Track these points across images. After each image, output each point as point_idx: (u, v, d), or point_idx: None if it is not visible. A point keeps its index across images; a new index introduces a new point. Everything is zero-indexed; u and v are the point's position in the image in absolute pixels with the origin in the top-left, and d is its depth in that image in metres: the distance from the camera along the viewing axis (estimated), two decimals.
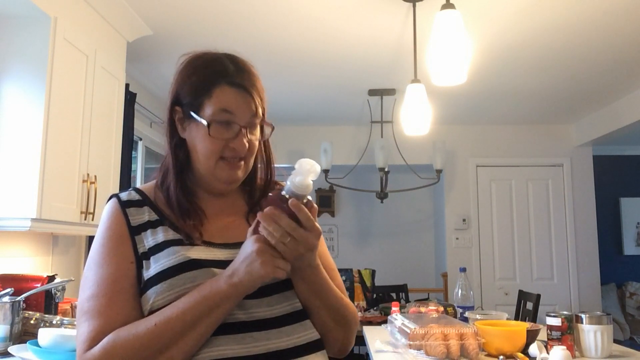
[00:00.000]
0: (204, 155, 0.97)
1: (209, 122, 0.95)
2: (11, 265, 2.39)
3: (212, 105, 0.96)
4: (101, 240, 0.95)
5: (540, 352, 1.85)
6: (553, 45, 3.26)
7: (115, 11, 2.74)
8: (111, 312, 0.88)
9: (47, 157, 2.16)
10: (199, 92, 0.97)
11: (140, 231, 0.96)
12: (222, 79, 0.97)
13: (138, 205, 0.99)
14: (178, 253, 0.91)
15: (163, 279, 0.89)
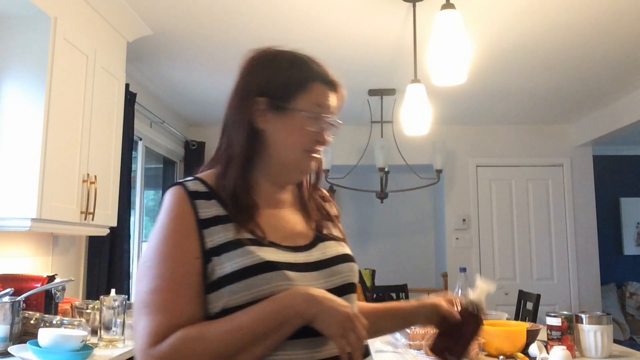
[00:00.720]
0: (292, 146, 1.00)
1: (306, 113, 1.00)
2: (11, 265, 2.39)
3: (307, 99, 1.00)
4: (167, 231, 0.92)
5: (540, 352, 1.85)
6: (553, 45, 3.26)
7: (115, 11, 2.74)
8: (177, 308, 0.87)
9: (47, 157, 2.16)
10: (295, 85, 1.01)
11: (209, 225, 0.93)
12: (318, 75, 1.03)
13: (206, 197, 0.97)
14: (253, 254, 0.91)
15: (239, 279, 0.89)
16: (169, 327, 0.85)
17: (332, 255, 1.01)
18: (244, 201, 0.97)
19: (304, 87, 1.01)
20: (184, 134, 4.95)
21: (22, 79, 2.19)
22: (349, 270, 1.03)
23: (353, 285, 1.03)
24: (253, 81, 1.03)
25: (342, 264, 1.02)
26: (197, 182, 0.99)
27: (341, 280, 1.00)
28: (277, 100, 1.00)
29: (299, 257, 0.96)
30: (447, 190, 5.28)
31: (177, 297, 0.88)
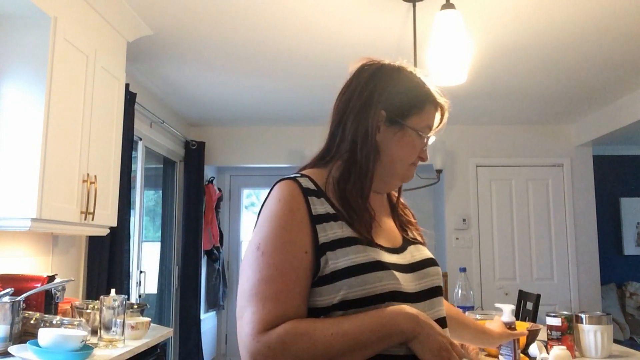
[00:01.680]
0: (401, 159, 1.09)
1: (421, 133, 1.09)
2: (11, 265, 2.39)
3: (420, 120, 1.08)
4: (282, 222, 0.95)
5: (540, 352, 1.85)
6: (553, 45, 3.26)
7: (115, 11, 2.74)
8: (287, 299, 0.90)
9: (47, 157, 2.16)
10: (414, 105, 1.08)
11: (322, 221, 0.97)
12: (433, 99, 1.11)
13: (316, 195, 1.00)
14: (365, 252, 0.96)
15: (355, 274, 0.92)
16: (279, 317, 0.89)
17: (421, 258, 1.07)
18: (362, 206, 1.02)
19: (421, 108, 1.09)
20: (184, 134, 4.95)
21: (22, 79, 2.19)
22: (436, 273, 1.08)
23: (440, 288, 1.08)
24: (380, 93, 1.07)
25: (430, 267, 1.07)
26: (306, 179, 1.02)
27: (431, 282, 1.05)
28: (395, 115, 1.07)
29: (398, 258, 1.02)
30: (447, 190, 5.28)
31: (288, 289, 0.91)
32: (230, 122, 5.19)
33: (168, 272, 4.82)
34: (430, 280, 1.05)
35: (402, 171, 1.11)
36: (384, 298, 0.93)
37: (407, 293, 0.97)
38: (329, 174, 1.05)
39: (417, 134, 1.08)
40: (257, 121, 5.08)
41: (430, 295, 1.03)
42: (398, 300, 0.95)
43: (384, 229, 1.07)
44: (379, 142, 1.07)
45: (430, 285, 1.04)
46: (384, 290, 0.93)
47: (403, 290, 0.96)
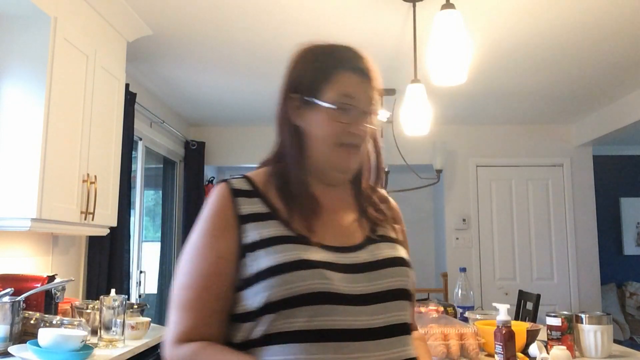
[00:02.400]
0: (322, 140, 0.98)
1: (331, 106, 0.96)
2: (11, 265, 2.39)
3: (333, 90, 0.98)
4: (205, 226, 0.94)
5: (540, 352, 1.85)
6: (553, 45, 3.26)
7: (115, 11, 2.74)
8: (199, 308, 0.91)
9: (47, 157, 2.16)
10: (320, 77, 0.99)
11: (248, 221, 0.94)
12: (344, 64, 1.00)
13: (249, 195, 0.97)
14: (291, 251, 0.90)
15: (275, 274, 0.88)
16: (190, 327, 0.91)
17: (382, 257, 0.97)
18: (298, 199, 0.97)
19: (328, 78, 0.99)
20: (184, 134, 4.96)
21: (22, 79, 2.19)
22: (399, 274, 0.97)
23: (404, 291, 0.97)
24: (287, 78, 1.03)
25: (391, 267, 0.97)
26: (243, 179, 1.00)
27: (388, 284, 0.95)
28: (306, 95, 0.99)
29: (344, 257, 0.94)
30: (447, 190, 5.28)
31: (200, 297, 0.91)
32: (230, 122, 5.19)
33: (168, 272, 4.82)
34: (387, 282, 0.95)
35: (329, 155, 0.98)
36: (310, 299, 0.87)
37: (341, 294, 0.89)
38: (270, 171, 1.01)
39: (327, 107, 0.97)
40: (257, 121, 5.08)
41: (384, 298, 0.93)
42: (329, 302, 0.88)
43: (334, 225, 0.99)
44: (303, 127, 0.99)
45: (386, 287, 0.94)
46: (309, 290, 0.87)
47: (334, 291, 0.88)
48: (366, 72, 1.02)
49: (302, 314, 0.86)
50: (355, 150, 1.00)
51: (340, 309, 0.88)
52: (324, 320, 0.87)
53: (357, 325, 0.88)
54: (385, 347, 0.90)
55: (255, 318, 0.89)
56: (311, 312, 0.87)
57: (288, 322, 0.87)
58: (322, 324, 0.87)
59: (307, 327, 0.87)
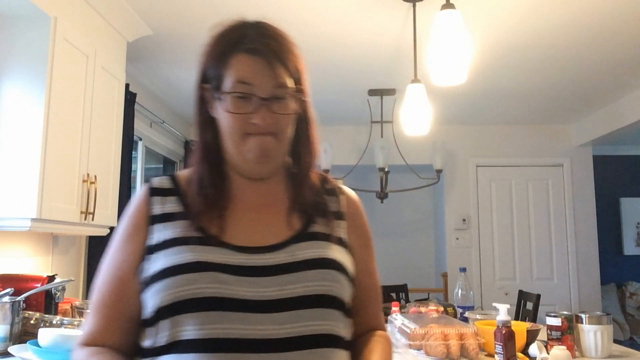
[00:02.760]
0: (228, 133, 0.89)
1: (222, 97, 0.88)
2: (11, 265, 2.39)
3: (230, 77, 0.88)
4: (119, 229, 0.92)
5: (540, 352, 1.85)
6: (553, 45, 3.26)
7: (115, 11, 2.74)
8: (99, 312, 0.89)
9: (47, 157, 2.16)
10: (219, 64, 0.90)
11: (157, 221, 0.90)
12: (238, 45, 0.89)
13: (165, 194, 0.93)
14: (185, 252, 0.84)
15: (164, 277, 0.82)
16: (89, 331, 0.89)
17: (301, 259, 0.85)
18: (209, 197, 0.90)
19: (226, 63, 0.89)
20: (184, 134, 4.95)
21: (22, 79, 2.19)
22: (320, 278, 0.84)
23: (326, 298, 0.84)
24: (198, 67, 0.95)
25: (311, 270, 0.84)
26: (166, 178, 0.96)
27: (303, 290, 0.83)
28: (212, 84, 0.91)
29: (255, 259, 0.84)
30: (447, 190, 5.28)
31: (103, 301, 0.89)
32: None
33: None
34: (303, 287, 0.83)
35: (237, 146, 0.89)
36: (199, 305, 0.79)
37: (239, 300, 0.80)
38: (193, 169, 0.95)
39: (231, 97, 0.87)
40: None
41: (297, 305, 0.82)
42: (222, 308, 0.79)
43: (252, 223, 0.90)
44: (216, 119, 0.91)
45: (301, 292, 0.82)
46: (197, 295, 0.79)
47: (228, 297, 0.80)
48: (264, 50, 0.88)
49: (192, 321, 0.79)
50: (268, 139, 0.88)
51: (236, 316, 0.79)
52: (215, 329, 0.79)
53: (258, 335, 0.79)
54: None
55: (153, 324, 0.83)
56: (201, 319, 0.79)
57: (180, 329, 0.80)
58: (213, 332, 0.79)
59: (198, 335, 0.79)
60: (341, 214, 0.97)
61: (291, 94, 0.89)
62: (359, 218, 1.00)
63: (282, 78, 0.88)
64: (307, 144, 0.97)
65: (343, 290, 0.87)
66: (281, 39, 0.92)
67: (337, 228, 0.94)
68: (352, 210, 0.99)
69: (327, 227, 0.92)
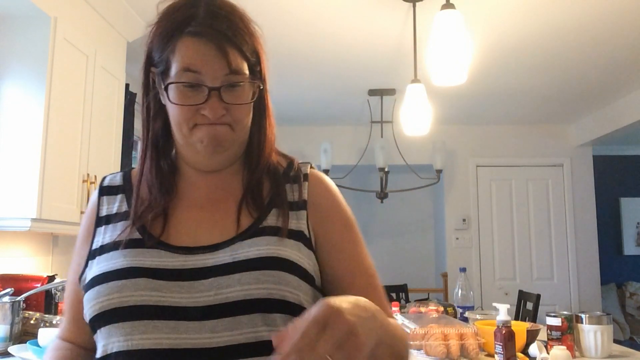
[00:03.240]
0: (175, 124, 0.79)
1: (167, 86, 0.77)
2: (11, 265, 2.39)
3: (176, 63, 0.76)
4: (79, 232, 0.90)
5: (540, 352, 1.85)
6: (553, 45, 3.26)
7: (115, 11, 2.74)
8: (68, 314, 0.89)
9: (47, 157, 2.16)
10: (165, 47, 0.78)
11: (101, 224, 0.85)
12: (185, 27, 0.76)
13: (114, 192, 0.88)
14: (117, 258, 0.77)
15: (94, 285, 0.77)
16: (65, 329, 0.89)
17: (241, 258, 0.75)
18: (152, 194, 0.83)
19: (172, 48, 0.77)
20: None
21: (22, 79, 2.19)
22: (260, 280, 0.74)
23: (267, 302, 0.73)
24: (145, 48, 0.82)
25: (252, 271, 0.74)
26: (118, 175, 0.91)
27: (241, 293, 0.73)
28: (160, 71, 0.80)
29: (192, 260, 0.76)
30: (447, 190, 5.28)
31: (68, 303, 0.89)
32: None
33: None
34: (240, 291, 0.73)
35: (185, 138, 0.79)
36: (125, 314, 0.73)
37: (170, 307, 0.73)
38: None
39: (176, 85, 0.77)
40: None
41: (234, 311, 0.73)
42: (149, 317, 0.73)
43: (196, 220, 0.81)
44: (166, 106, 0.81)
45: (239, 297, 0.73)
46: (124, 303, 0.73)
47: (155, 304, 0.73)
48: (213, 33, 0.76)
49: (119, 332, 0.74)
50: (221, 128, 0.78)
51: (166, 324, 0.72)
52: (143, 339, 0.73)
53: (190, 345, 0.72)
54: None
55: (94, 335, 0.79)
56: (127, 330, 0.73)
57: (110, 341, 0.75)
58: (140, 343, 0.73)
59: (124, 347, 0.73)
60: (302, 203, 0.84)
61: (246, 80, 0.79)
62: (326, 203, 0.85)
63: (235, 63, 0.77)
64: (262, 133, 0.86)
65: (294, 291, 0.75)
66: (235, 17, 0.80)
67: (294, 220, 0.82)
68: (317, 196, 0.85)
69: (281, 220, 0.81)
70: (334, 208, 0.86)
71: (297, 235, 0.80)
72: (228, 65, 0.76)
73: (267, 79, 0.85)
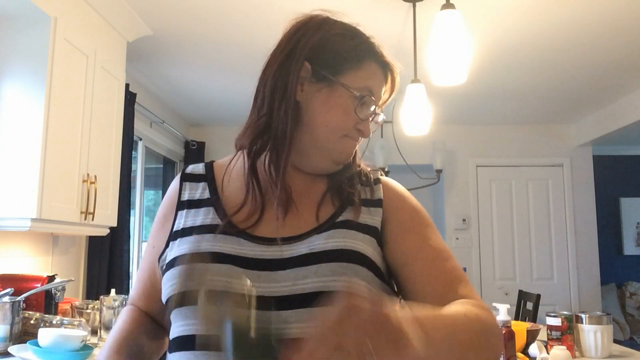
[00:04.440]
0: (327, 125, 0.83)
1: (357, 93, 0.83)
2: (11, 265, 2.39)
3: (357, 78, 0.84)
4: (156, 215, 0.94)
5: (540, 352, 1.85)
6: (553, 45, 3.26)
7: (115, 11, 2.74)
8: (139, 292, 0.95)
9: (47, 157, 2.16)
10: (347, 57, 0.85)
11: (184, 207, 0.88)
12: (375, 54, 0.88)
13: (197, 179, 0.91)
14: (198, 242, 0.79)
15: (172, 267, 0.80)
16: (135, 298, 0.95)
17: (320, 250, 0.77)
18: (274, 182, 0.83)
19: (358, 62, 0.85)
20: (184, 134, 4.95)
21: (22, 79, 2.19)
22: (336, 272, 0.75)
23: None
24: (306, 43, 0.86)
25: (329, 263, 0.76)
26: (200, 165, 0.95)
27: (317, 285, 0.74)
28: (323, 69, 0.84)
29: (271, 251, 0.78)
30: (447, 190, 5.28)
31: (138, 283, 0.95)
32: (230, 122, 5.19)
33: None
34: (317, 282, 0.74)
35: (329, 143, 0.83)
36: None
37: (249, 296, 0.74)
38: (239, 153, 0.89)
39: (350, 93, 0.83)
40: None
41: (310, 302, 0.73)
42: None
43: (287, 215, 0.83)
44: (301, 102, 0.83)
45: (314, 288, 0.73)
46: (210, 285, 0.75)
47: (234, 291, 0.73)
48: (392, 69, 0.90)
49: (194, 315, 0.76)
50: (356, 143, 0.88)
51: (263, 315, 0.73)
52: None
53: None
54: None
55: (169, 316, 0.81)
56: None
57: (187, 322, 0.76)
58: None
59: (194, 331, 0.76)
60: (378, 201, 0.87)
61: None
62: (399, 200, 0.89)
63: (384, 102, 0.92)
64: None
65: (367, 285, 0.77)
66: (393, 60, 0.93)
67: (368, 216, 0.84)
68: (390, 195, 0.89)
69: (355, 215, 0.83)
70: (405, 202, 0.89)
71: (371, 231, 0.83)
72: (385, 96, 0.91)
73: None
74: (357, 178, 0.90)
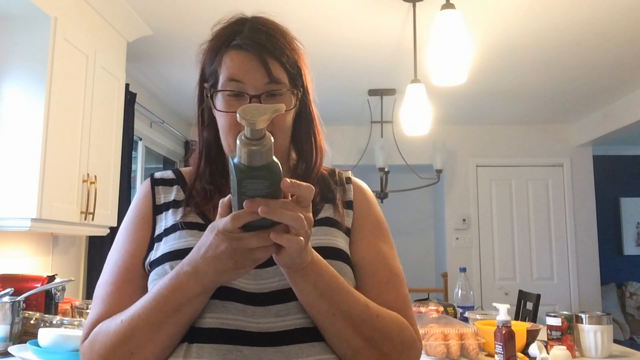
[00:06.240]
0: (222, 133, 0.86)
1: (212, 95, 0.85)
2: (11, 265, 2.39)
3: (222, 74, 0.84)
4: (125, 222, 0.91)
5: (540, 352, 1.85)
6: (553, 45, 3.26)
7: (115, 11, 2.74)
8: (113, 301, 0.82)
9: (47, 157, 2.16)
10: (213, 61, 0.87)
11: (162, 210, 0.89)
12: (228, 40, 0.85)
13: (168, 184, 0.93)
14: (187, 237, 0.82)
15: (163, 262, 0.81)
16: (99, 320, 0.81)
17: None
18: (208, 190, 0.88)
19: (219, 60, 0.85)
20: (184, 134, 4.95)
21: (22, 78, 2.19)
22: None
23: None
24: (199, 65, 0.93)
25: None
26: (168, 171, 0.97)
27: None
28: (210, 84, 0.88)
29: None
30: (447, 190, 5.28)
31: (117, 291, 0.83)
32: None
33: None
34: None
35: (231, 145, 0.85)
36: None
37: (239, 291, 0.78)
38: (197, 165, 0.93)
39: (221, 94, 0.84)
40: None
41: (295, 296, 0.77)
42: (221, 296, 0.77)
43: None
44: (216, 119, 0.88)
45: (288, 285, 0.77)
46: None
47: (228, 286, 0.77)
48: (255, 46, 0.82)
49: None
50: None
51: (234, 306, 0.77)
52: (212, 318, 0.77)
53: (256, 328, 0.76)
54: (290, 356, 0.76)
55: None
56: None
57: None
58: (209, 321, 0.77)
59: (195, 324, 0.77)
60: (349, 203, 0.92)
61: (286, 89, 0.84)
62: (367, 206, 0.93)
63: (275, 73, 0.82)
64: (310, 142, 0.92)
65: (349, 281, 0.82)
66: (276, 33, 0.86)
67: (345, 217, 0.89)
68: (360, 198, 0.93)
69: (336, 214, 0.88)
70: (371, 209, 0.93)
71: (345, 230, 0.88)
72: (268, 74, 0.82)
73: (310, 92, 0.92)
74: (329, 178, 0.93)
